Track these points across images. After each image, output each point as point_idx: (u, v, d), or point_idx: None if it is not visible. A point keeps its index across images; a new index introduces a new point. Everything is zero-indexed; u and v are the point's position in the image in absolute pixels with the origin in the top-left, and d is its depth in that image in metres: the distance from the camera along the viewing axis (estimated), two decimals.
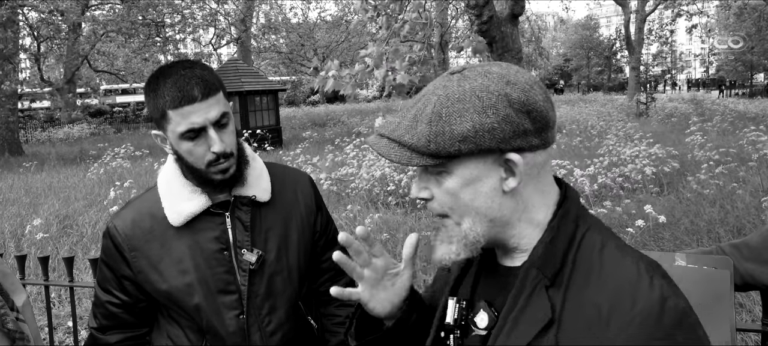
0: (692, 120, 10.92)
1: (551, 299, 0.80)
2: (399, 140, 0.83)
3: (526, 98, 0.81)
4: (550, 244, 0.84)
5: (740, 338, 3.24)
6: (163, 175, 1.44)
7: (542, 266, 0.83)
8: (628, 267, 0.79)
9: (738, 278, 1.55)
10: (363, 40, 31.66)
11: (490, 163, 0.82)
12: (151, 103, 1.31)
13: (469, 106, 0.80)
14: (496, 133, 0.79)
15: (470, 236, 0.86)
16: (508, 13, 10.00)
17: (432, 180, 0.87)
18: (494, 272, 0.94)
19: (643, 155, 7.67)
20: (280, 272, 1.44)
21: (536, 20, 34.10)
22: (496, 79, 0.81)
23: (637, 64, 29.02)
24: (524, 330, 0.81)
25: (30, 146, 20.77)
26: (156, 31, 20.43)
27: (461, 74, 0.84)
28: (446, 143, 0.80)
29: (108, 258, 1.43)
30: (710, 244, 4.84)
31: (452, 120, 0.80)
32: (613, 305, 0.76)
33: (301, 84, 42.53)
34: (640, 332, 0.73)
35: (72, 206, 7.77)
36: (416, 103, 0.85)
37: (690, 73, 61.23)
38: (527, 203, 0.86)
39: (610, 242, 0.84)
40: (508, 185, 0.83)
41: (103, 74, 29.49)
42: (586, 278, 0.80)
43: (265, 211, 1.45)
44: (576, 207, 0.88)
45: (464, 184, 0.83)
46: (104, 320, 1.46)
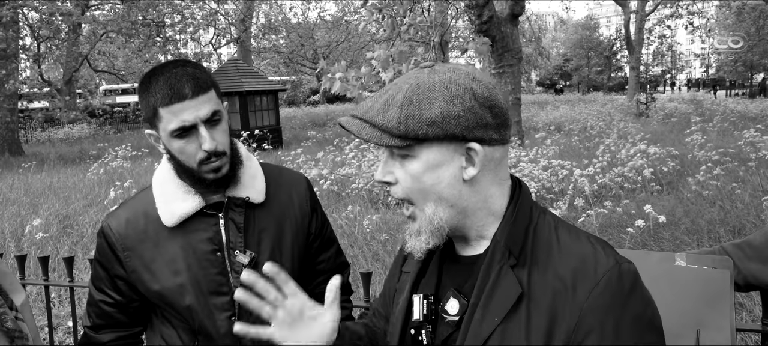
0: (693, 120, 10.91)
1: (518, 276, 0.88)
2: (371, 121, 0.89)
3: (489, 94, 0.89)
4: (512, 226, 0.91)
5: (740, 338, 3.24)
6: (157, 175, 1.44)
7: (508, 246, 0.90)
8: (583, 242, 0.89)
9: (740, 278, 1.55)
10: (363, 40, 31.68)
11: (452, 150, 0.88)
12: (143, 102, 1.31)
13: (438, 95, 0.86)
14: (461, 121, 0.86)
15: (435, 221, 0.91)
16: (508, 13, 10.01)
17: (396, 164, 0.92)
18: (456, 263, 0.99)
19: (642, 155, 7.67)
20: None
21: (536, 20, 34.10)
22: (463, 75, 0.89)
23: (637, 64, 29.02)
24: (497, 308, 0.87)
25: (30, 146, 20.77)
26: (156, 32, 20.43)
27: (431, 69, 0.91)
28: (415, 126, 0.86)
29: (102, 257, 1.44)
30: (710, 244, 4.83)
31: (422, 105, 0.86)
32: (576, 274, 0.85)
33: (301, 84, 42.54)
34: (606, 291, 0.83)
35: (72, 206, 7.78)
36: (388, 90, 0.91)
37: (690, 73, 61.25)
38: (486, 193, 0.93)
39: (561, 224, 0.94)
40: (468, 173, 0.89)
41: (103, 74, 29.50)
42: (547, 254, 0.89)
43: (259, 212, 1.44)
44: (529, 197, 0.97)
45: (427, 168, 0.89)
46: (98, 319, 1.46)
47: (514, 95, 10.23)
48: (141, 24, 19.10)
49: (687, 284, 1.46)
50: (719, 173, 6.66)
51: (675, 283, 1.47)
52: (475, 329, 0.88)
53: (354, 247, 5.34)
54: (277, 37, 35.06)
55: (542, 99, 34.82)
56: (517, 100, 10.38)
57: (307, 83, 43.37)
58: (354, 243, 5.44)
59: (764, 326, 1.62)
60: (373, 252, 5.16)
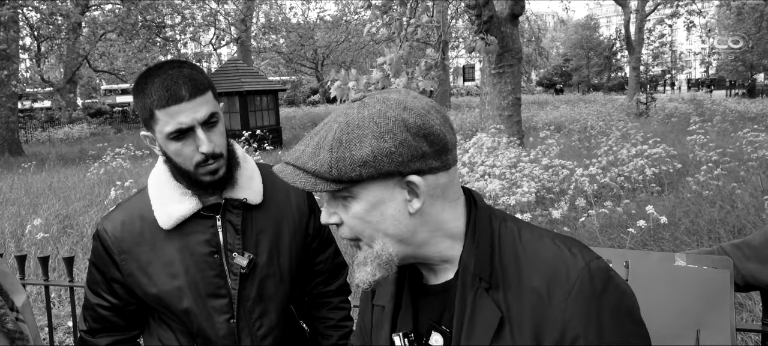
0: (693, 120, 10.91)
1: (495, 299, 0.86)
2: (303, 167, 0.86)
3: (423, 122, 0.85)
4: (476, 248, 0.89)
5: (740, 338, 3.24)
6: (153, 177, 1.42)
7: (477, 272, 0.88)
8: (548, 246, 0.88)
9: (739, 278, 1.55)
10: (363, 40, 31.67)
11: (392, 186, 0.85)
12: (139, 103, 1.29)
13: (368, 132, 0.83)
14: (395, 157, 0.83)
15: (383, 255, 0.89)
16: (508, 13, 10.01)
17: (339, 205, 0.90)
18: (427, 294, 0.96)
19: (643, 155, 7.67)
20: (272, 275, 1.43)
21: (536, 20, 34.11)
22: (394, 106, 0.85)
23: (637, 64, 29.01)
24: (480, 336, 0.86)
25: (30, 146, 20.77)
26: (157, 32, 20.43)
27: (361, 102, 0.87)
28: (347, 168, 0.83)
29: (97, 260, 1.42)
30: (711, 244, 4.83)
31: (352, 146, 0.83)
32: (549, 284, 0.84)
33: (301, 84, 42.55)
34: (580, 295, 0.82)
35: (72, 206, 7.78)
36: (319, 132, 0.88)
37: (690, 73, 61.25)
38: (438, 220, 0.90)
39: (524, 228, 0.92)
40: (413, 206, 0.86)
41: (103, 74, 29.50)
42: (517, 268, 0.87)
43: (257, 213, 1.43)
44: (486, 210, 0.94)
45: (370, 207, 0.86)
46: (94, 323, 1.44)
47: (514, 95, 10.23)
48: (141, 25, 19.10)
49: (687, 284, 1.46)
50: (720, 173, 6.66)
51: (675, 283, 1.47)
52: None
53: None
54: (277, 37, 35.05)
55: (542, 99, 34.83)
56: (517, 100, 10.37)
57: (307, 83, 43.38)
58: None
59: (764, 326, 1.62)
60: None
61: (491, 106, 10.20)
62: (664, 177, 7.17)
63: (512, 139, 9.31)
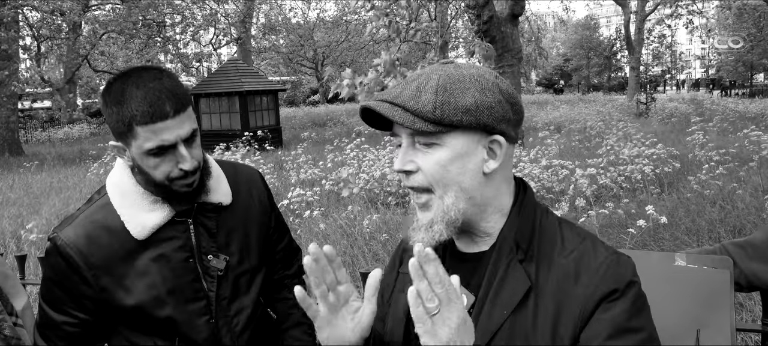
0: (693, 120, 10.91)
1: (527, 270, 0.91)
2: (403, 105, 0.89)
3: (512, 92, 0.93)
4: (520, 223, 0.94)
5: (740, 338, 3.24)
6: (114, 186, 1.36)
7: (517, 239, 0.93)
8: (584, 239, 0.94)
9: (742, 278, 1.54)
10: (363, 40, 31.66)
11: (476, 141, 0.90)
12: (114, 114, 1.20)
13: (470, 86, 0.89)
14: (493, 112, 0.89)
15: (452, 212, 0.91)
16: (508, 13, 10.01)
17: (418, 153, 0.91)
18: (458, 260, 1.00)
19: (643, 155, 7.67)
20: (244, 273, 1.45)
21: (536, 20, 34.10)
22: (487, 72, 0.93)
23: (637, 64, 29.00)
24: (506, 301, 0.90)
25: (30, 146, 20.78)
26: (157, 32, 20.42)
27: (454, 64, 0.94)
28: (451, 112, 0.87)
29: (61, 278, 1.32)
30: (711, 244, 4.83)
31: (456, 93, 0.88)
32: (578, 264, 0.89)
33: (301, 84, 42.53)
34: (606, 276, 0.87)
35: (72, 206, 7.78)
36: (416, 79, 0.91)
37: (690, 73, 61.23)
38: (498, 189, 0.95)
39: (564, 223, 0.98)
40: (489, 166, 0.92)
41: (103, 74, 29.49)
42: (551, 249, 0.92)
43: (225, 214, 1.44)
44: (533, 197, 1.00)
45: (455, 157, 0.90)
46: (59, 342, 1.35)
47: None
48: (142, 24, 19.10)
49: (687, 284, 1.46)
50: (721, 172, 6.65)
51: (675, 283, 1.47)
52: (483, 322, 0.90)
53: (354, 247, 5.33)
54: (277, 37, 35.05)
55: (542, 99, 34.82)
56: None
57: (307, 83, 43.36)
58: (354, 243, 5.44)
59: (764, 326, 1.62)
60: (373, 252, 5.16)
61: None
62: (665, 177, 7.17)
63: None
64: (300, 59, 37.10)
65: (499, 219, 0.96)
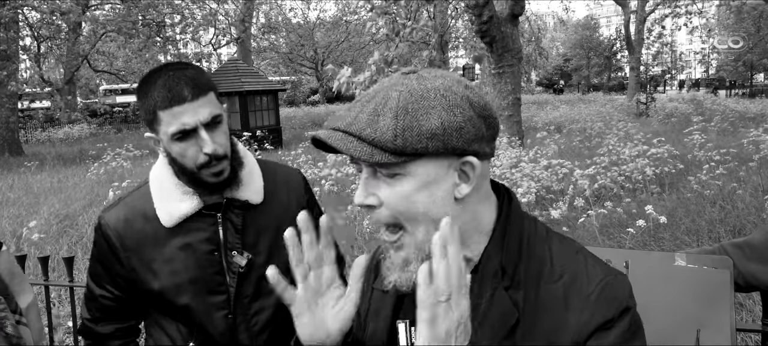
0: (693, 120, 10.92)
1: (513, 299, 0.82)
2: (358, 134, 0.77)
3: (485, 103, 0.81)
4: (504, 246, 0.84)
5: (740, 338, 3.24)
6: (154, 174, 1.43)
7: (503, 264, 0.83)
8: (574, 256, 0.85)
9: (740, 278, 1.54)
10: (363, 40, 31.67)
11: (446, 166, 0.79)
12: (142, 105, 1.30)
13: (435, 104, 0.76)
14: (464, 133, 0.77)
15: (426, 247, 0.80)
16: (508, 13, 10.01)
17: (381, 185, 0.81)
18: None
19: (644, 155, 7.66)
20: None
21: (536, 20, 34.09)
22: (455, 82, 0.80)
23: (637, 64, 29.02)
24: (490, 333, 0.81)
25: (30, 146, 20.76)
26: (157, 31, 20.43)
27: (418, 75, 0.81)
28: (414, 139, 0.75)
29: (101, 255, 1.44)
30: (711, 244, 4.83)
31: (420, 115, 0.76)
32: (569, 289, 0.81)
33: (301, 84, 42.54)
34: (598, 302, 0.80)
35: (72, 206, 7.77)
36: (373, 98, 0.79)
37: (690, 73, 61.24)
38: (475, 211, 0.84)
39: (553, 236, 0.88)
40: (461, 192, 0.81)
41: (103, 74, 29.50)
42: (539, 272, 0.83)
43: (257, 213, 1.44)
44: (519, 209, 0.89)
45: (421, 187, 0.79)
46: (97, 313, 1.48)
47: (514, 95, 10.23)
48: (141, 24, 19.10)
49: (687, 284, 1.46)
50: (721, 172, 6.65)
51: (675, 283, 1.47)
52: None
53: (354, 247, 5.33)
54: (277, 37, 35.06)
55: (542, 99, 34.83)
56: (517, 100, 10.37)
57: (307, 83, 43.37)
58: (354, 243, 5.44)
59: (764, 326, 1.62)
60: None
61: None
62: (665, 177, 7.17)
63: (513, 139, 9.32)
64: (300, 59, 37.11)
65: (480, 240, 0.86)
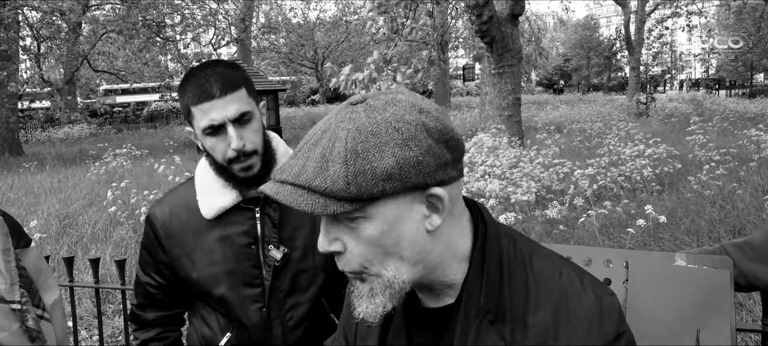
0: (693, 120, 10.92)
1: (500, 333, 0.78)
2: (308, 186, 0.71)
3: (443, 126, 0.74)
4: (485, 276, 0.80)
5: (740, 338, 3.24)
6: (199, 168, 1.51)
7: (485, 303, 0.79)
8: (558, 276, 0.80)
9: (742, 278, 1.54)
10: (363, 40, 31.66)
11: (409, 201, 0.73)
12: (180, 101, 1.38)
13: (388, 140, 0.70)
14: (422, 167, 0.71)
15: (395, 284, 0.77)
16: (508, 13, 10.01)
17: (343, 229, 0.76)
18: (423, 316, 0.87)
19: (644, 155, 7.66)
20: (306, 270, 1.48)
21: (536, 20, 34.09)
22: (408, 108, 0.73)
23: (637, 64, 29.01)
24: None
25: (30, 146, 20.78)
26: (157, 32, 20.42)
27: (366, 104, 0.74)
28: (369, 184, 0.69)
29: (148, 244, 1.53)
30: (711, 244, 4.83)
31: (371, 156, 0.69)
32: (557, 319, 0.77)
33: (301, 84, 42.54)
34: (589, 334, 0.75)
35: (72, 206, 7.77)
36: (319, 141, 0.73)
37: (690, 73, 61.24)
38: (449, 239, 0.79)
39: (535, 252, 0.83)
40: (433, 223, 0.76)
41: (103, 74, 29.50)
42: (525, 300, 0.79)
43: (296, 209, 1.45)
44: (493, 223, 0.84)
45: (386, 228, 0.73)
46: (143, 299, 1.57)
47: (514, 95, 10.23)
48: (141, 24, 19.09)
49: (687, 284, 1.46)
50: (722, 172, 6.65)
51: (675, 283, 1.47)
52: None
53: None
54: (277, 37, 35.06)
55: (542, 99, 34.83)
56: (517, 100, 10.37)
57: (307, 83, 43.37)
58: None
59: (764, 326, 1.62)
60: None
61: (491, 106, 10.20)
62: (665, 177, 7.17)
63: (513, 139, 9.31)
64: (300, 59, 37.11)
65: (457, 267, 0.81)
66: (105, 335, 3.77)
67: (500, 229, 0.85)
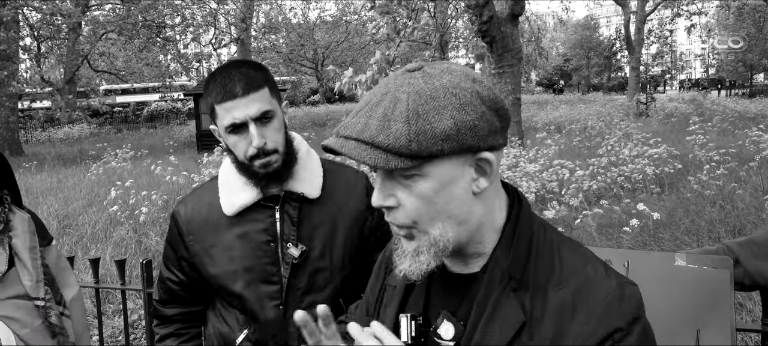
0: (693, 120, 10.91)
1: (521, 301, 0.81)
2: (371, 142, 0.76)
3: (494, 96, 0.81)
4: (513, 247, 0.84)
5: (740, 338, 3.24)
6: (223, 166, 1.53)
7: (510, 270, 0.83)
8: (585, 263, 0.84)
9: (747, 277, 1.54)
10: (363, 40, 31.67)
11: (462, 163, 0.79)
12: (205, 100, 1.42)
13: (446, 104, 0.76)
14: (477, 131, 0.77)
15: (440, 243, 0.82)
16: (508, 13, 10.01)
17: (398, 186, 0.81)
18: (447, 282, 0.91)
19: (644, 155, 7.66)
20: (323, 269, 1.48)
21: (536, 20, 34.10)
22: (463, 77, 0.79)
23: (637, 64, 29.00)
24: (496, 335, 0.81)
25: (30, 146, 20.78)
26: (157, 32, 20.43)
27: (423, 72, 0.80)
28: (429, 142, 0.75)
29: (171, 239, 1.56)
30: (711, 244, 4.83)
31: (431, 117, 0.75)
32: (576, 298, 0.80)
33: (301, 84, 42.55)
34: (607, 313, 0.78)
35: (72, 205, 7.77)
36: (381, 102, 0.78)
37: (690, 73, 61.24)
38: (491, 205, 0.85)
39: (564, 242, 0.87)
40: (480, 185, 0.81)
41: (103, 74, 29.51)
42: (549, 277, 0.83)
43: (315, 208, 1.50)
44: (529, 211, 0.89)
45: (439, 187, 0.79)
46: (164, 295, 1.59)
47: (514, 95, 10.23)
48: (141, 25, 19.10)
49: (687, 284, 1.46)
50: (722, 172, 6.65)
51: (675, 283, 1.47)
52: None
53: None
54: (277, 37, 35.06)
55: (542, 99, 34.82)
56: (517, 100, 10.38)
57: (307, 83, 43.38)
58: None
59: (764, 326, 1.62)
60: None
61: None
62: (665, 177, 7.17)
63: (513, 139, 9.32)
64: (300, 59, 37.11)
65: (491, 237, 0.86)
66: (105, 335, 3.77)
67: (534, 216, 0.90)
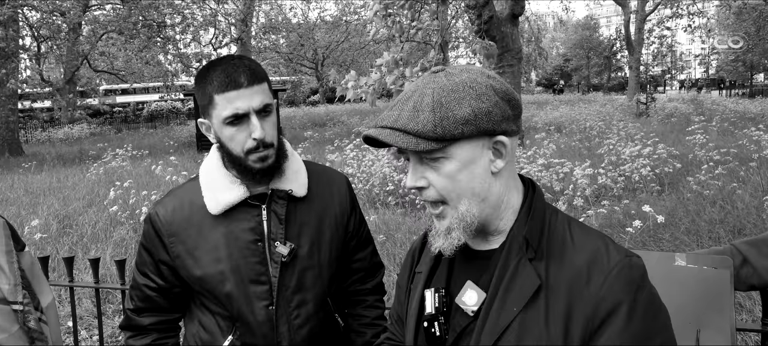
0: (693, 120, 10.91)
1: (536, 269, 0.93)
2: (403, 129, 0.92)
3: (506, 89, 0.96)
4: (530, 221, 0.98)
5: (740, 338, 3.24)
6: (205, 165, 1.50)
7: (526, 239, 0.96)
8: (594, 239, 0.96)
9: (755, 277, 1.53)
10: (363, 40, 31.67)
11: (481, 146, 0.94)
12: (200, 91, 1.37)
13: (465, 95, 0.92)
14: (492, 116, 0.92)
15: (467, 217, 0.96)
16: (508, 13, 10.01)
17: (427, 169, 0.96)
18: (469, 258, 1.04)
19: (643, 155, 7.66)
20: (312, 267, 1.48)
21: (536, 20, 34.10)
22: (479, 74, 0.95)
23: (637, 64, 29.00)
24: (515, 299, 0.93)
25: (30, 146, 20.78)
26: (157, 32, 20.42)
27: (445, 72, 0.96)
28: (451, 126, 0.90)
29: (147, 243, 1.49)
30: (710, 244, 4.82)
31: (453, 106, 0.91)
32: (590, 265, 0.91)
33: (301, 84, 42.56)
34: (618, 279, 0.89)
35: (72, 205, 7.77)
36: (411, 97, 0.95)
37: (690, 73, 61.23)
38: (508, 185, 0.99)
39: (574, 222, 1.00)
40: (497, 166, 0.96)
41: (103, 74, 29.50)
42: (562, 248, 0.95)
43: (301, 206, 1.49)
44: (542, 196, 1.03)
45: (462, 166, 0.94)
46: (139, 303, 1.51)
47: None
48: (142, 25, 19.08)
49: (687, 284, 1.46)
50: (721, 172, 6.64)
51: (675, 283, 1.47)
52: (493, 319, 0.93)
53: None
54: (277, 37, 35.06)
55: (542, 99, 34.82)
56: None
57: (307, 83, 43.39)
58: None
59: (764, 326, 1.62)
60: None
61: None
62: (665, 177, 7.17)
63: None
64: (300, 59, 37.11)
65: (510, 216, 0.99)
66: (105, 335, 3.77)
67: (547, 203, 1.03)
